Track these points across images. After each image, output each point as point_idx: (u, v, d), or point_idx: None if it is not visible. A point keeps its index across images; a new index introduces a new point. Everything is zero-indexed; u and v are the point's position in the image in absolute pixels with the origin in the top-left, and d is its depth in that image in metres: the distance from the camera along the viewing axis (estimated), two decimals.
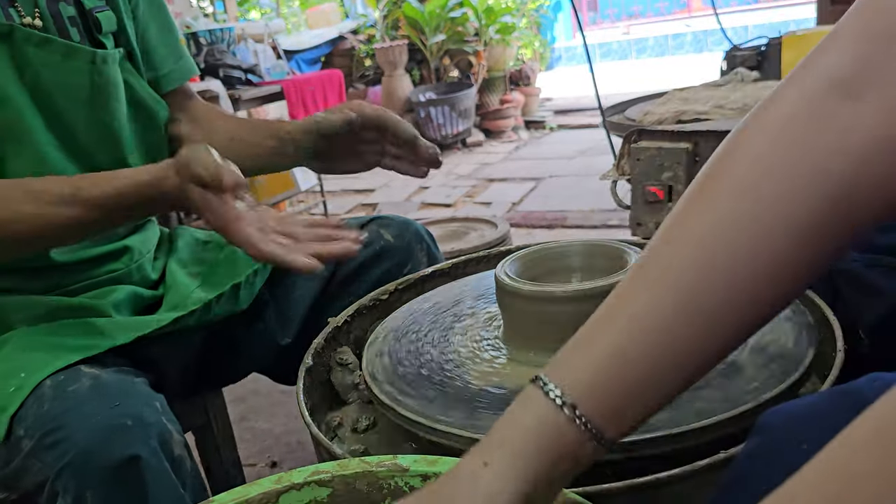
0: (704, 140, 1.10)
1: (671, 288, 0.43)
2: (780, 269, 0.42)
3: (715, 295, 0.42)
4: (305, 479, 0.55)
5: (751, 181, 0.43)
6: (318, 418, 0.79)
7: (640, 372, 0.42)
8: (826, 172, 0.42)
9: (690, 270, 0.43)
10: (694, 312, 0.42)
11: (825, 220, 0.42)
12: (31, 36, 0.85)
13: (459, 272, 1.04)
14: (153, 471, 0.69)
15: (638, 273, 0.45)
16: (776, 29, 2.20)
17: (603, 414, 0.42)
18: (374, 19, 5.59)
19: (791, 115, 0.44)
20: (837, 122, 0.43)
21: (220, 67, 3.30)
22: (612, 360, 0.42)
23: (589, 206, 3.33)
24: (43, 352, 0.78)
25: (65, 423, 0.69)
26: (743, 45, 2.09)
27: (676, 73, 6.77)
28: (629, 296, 0.45)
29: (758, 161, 0.44)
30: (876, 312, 0.76)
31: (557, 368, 0.44)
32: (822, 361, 0.73)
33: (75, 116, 0.90)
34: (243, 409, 1.96)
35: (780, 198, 0.42)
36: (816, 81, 0.44)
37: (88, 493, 0.67)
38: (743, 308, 0.43)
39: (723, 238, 0.43)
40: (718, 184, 0.44)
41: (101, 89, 0.91)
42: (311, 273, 0.77)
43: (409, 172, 0.98)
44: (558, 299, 0.71)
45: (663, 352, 0.42)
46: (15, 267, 0.89)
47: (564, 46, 9.27)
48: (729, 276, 0.42)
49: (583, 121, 5.46)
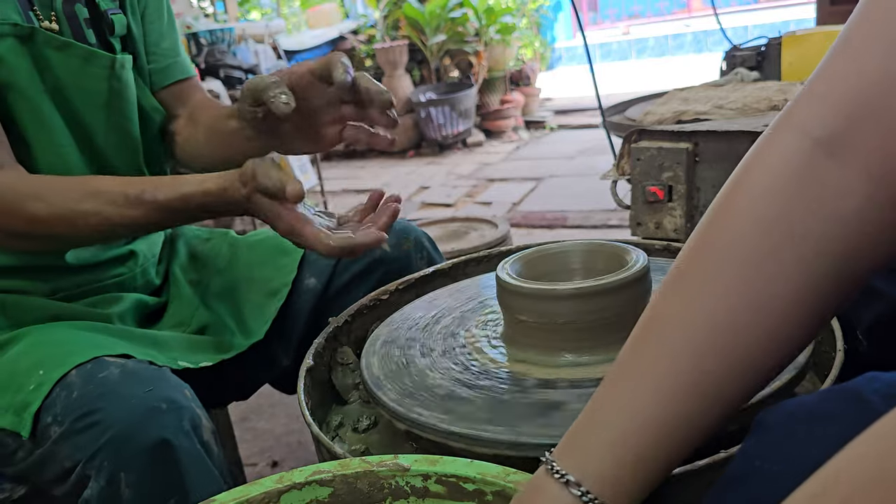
0: (704, 140, 1.10)
1: (672, 373, 0.45)
2: (782, 341, 0.44)
3: (718, 376, 0.44)
4: (307, 479, 0.55)
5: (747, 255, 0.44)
6: (319, 418, 0.79)
7: (648, 458, 0.45)
8: (823, 250, 0.43)
9: (688, 355, 0.44)
10: (697, 395, 0.45)
11: (829, 285, 0.43)
12: (51, 39, 0.86)
13: (459, 272, 1.04)
14: (187, 453, 0.70)
15: (635, 356, 0.47)
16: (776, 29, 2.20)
17: (616, 499, 0.45)
18: (375, 19, 5.59)
19: (778, 178, 0.45)
20: (828, 190, 0.43)
21: (220, 67, 3.31)
22: (620, 451, 0.45)
23: (589, 206, 3.33)
24: (61, 347, 0.79)
25: (100, 407, 0.70)
26: (743, 45, 2.09)
27: (676, 73, 6.77)
28: (629, 382, 0.46)
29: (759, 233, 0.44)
30: (874, 314, 0.76)
31: (572, 456, 0.46)
32: (822, 361, 0.73)
33: (94, 120, 0.91)
34: (244, 409, 1.96)
35: (781, 272, 0.43)
36: (799, 142, 0.45)
37: (123, 473, 0.68)
38: (746, 377, 0.45)
39: (724, 319, 0.44)
40: (708, 259, 0.45)
41: (119, 94, 0.92)
42: (382, 243, 0.81)
43: (368, 141, 0.90)
44: (559, 298, 0.71)
45: (670, 435, 0.45)
46: (21, 265, 0.89)
47: (565, 46, 9.27)
48: (733, 354, 0.44)
49: (583, 121, 5.46)
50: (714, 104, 1.58)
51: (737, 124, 1.12)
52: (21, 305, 0.88)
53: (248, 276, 1.03)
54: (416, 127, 5.15)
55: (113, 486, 0.68)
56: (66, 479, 0.72)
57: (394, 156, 5.30)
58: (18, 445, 0.76)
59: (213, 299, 1.03)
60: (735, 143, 1.07)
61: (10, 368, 0.79)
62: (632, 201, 1.16)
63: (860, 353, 0.76)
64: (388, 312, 0.93)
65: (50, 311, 0.89)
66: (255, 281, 1.02)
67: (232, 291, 1.02)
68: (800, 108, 0.46)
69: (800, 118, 0.46)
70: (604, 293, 0.70)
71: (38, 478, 0.78)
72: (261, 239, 1.07)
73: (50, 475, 0.75)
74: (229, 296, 1.02)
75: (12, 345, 0.82)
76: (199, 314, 1.00)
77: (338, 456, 0.62)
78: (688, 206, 1.11)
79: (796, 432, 0.41)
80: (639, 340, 0.47)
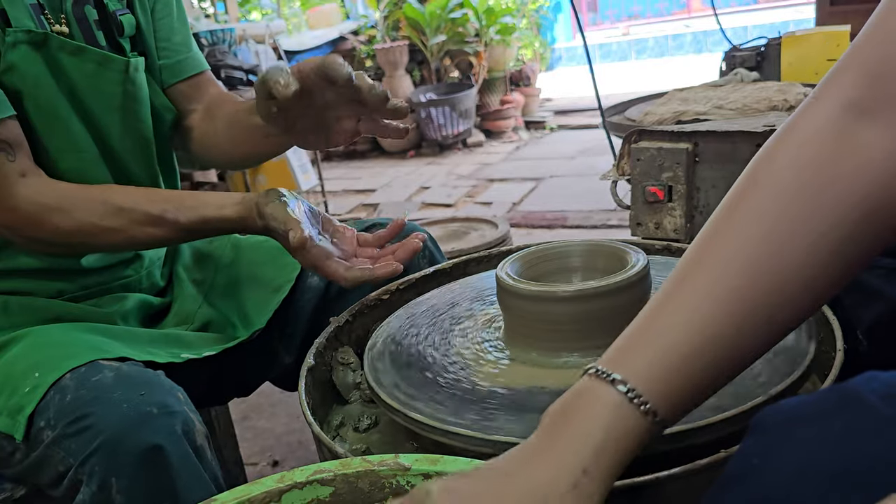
0: (704, 140, 1.10)
1: (718, 298, 0.47)
2: (818, 278, 0.47)
3: (759, 302, 0.47)
4: (308, 478, 0.55)
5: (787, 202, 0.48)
6: (320, 417, 0.79)
7: (696, 368, 0.47)
8: (851, 194, 0.46)
9: (737, 277, 0.47)
10: (742, 318, 0.47)
11: (857, 234, 0.47)
12: (65, 44, 0.86)
13: (460, 272, 1.05)
14: (179, 458, 0.70)
15: (686, 274, 0.49)
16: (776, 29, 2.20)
17: (666, 404, 0.46)
18: (375, 20, 5.59)
19: (810, 141, 0.48)
20: (856, 144, 0.47)
21: (221, 68, 3.31)
22: (672, 357, 0.46)
23: (589, 206, 3.33)
24: (57, 349, 0.79)
25: (92, 411, 0.70)
26: (742, 45, 2.10)
27: (676, 73, 6.77)
28: (680, 296, 0.48)
29: (786, 187, 0.48)
30: (874, 314, 0.76)
31: (620, 362, 0.47)
32: (822, 361, 0.74)
33: (109, 123, 0.91)
34: (244, 408, 1.96)
35: (812, 218, 0.47)
36: (831, 107, 0.49)
37: (114, 478, 0.68)
38: (785, 312, 0.47)
39: (766, 251, 0.47)
40: (755, 199, 0.49)
41: (133, 96, 0.93)
42: (395, 274, 0.86)
43: (381, 133, 0.88)
44: (559, 299, 0.71)
45: (715, 351, 0.47)
46: (34, 268, 0.90)
47: (564, 47, 9.27)
48: (773, 286, 0.47)
49: (583, 121, 5.46)
50: (714, 104, 1.58)
51: (736, 124, 1.12)
52: (25, 306, 0.89)
53: (252, 275, 1.03)
54: (417, 127, 5.15)
55: (104, 492, 0.68)
56: (61, 483, 0.72)
57: (394, 156, 5.30)
58: (14, 448, 0.76)
59: (217, 297, 1.03)
60: (735, 143, 1.07)
61: (6, 370, 0.79)
62: (632, 201, 1.16)
63: (860, 353, 0.76)
64: (389, 312, 0.93)
65: (53, 312, 0.89)
66: (258, 279, 1.02)
67: (235, 289, 1.03)
68: (833, 78, 0.50)
69: (832, 87, 0.50)
70: (604, 294, 0.70)
71: (35, 480, 0.78)
72: (264, 238, 1.08)
73: (45, 478, 0.74)
74: (232, 293, 1.03)
75: (11, 346, 0.82)
76: (202, 311, 1.00)
77: (338, 455, 0.62)
78: (687, 206, 1.11)
79: (794, 432, 0.42)
80: (690, 262, 0.50)
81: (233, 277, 1.04)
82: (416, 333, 0.84)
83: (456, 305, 0.90)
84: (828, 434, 0.40)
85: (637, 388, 0.45)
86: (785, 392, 0.63)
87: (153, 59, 0.99)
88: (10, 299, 0.89)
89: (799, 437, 0.41)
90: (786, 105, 1.50)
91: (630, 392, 0.45)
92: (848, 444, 0.39)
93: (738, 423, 0.59)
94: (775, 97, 1.54)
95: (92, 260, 0.93)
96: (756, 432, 0.44)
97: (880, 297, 0.76)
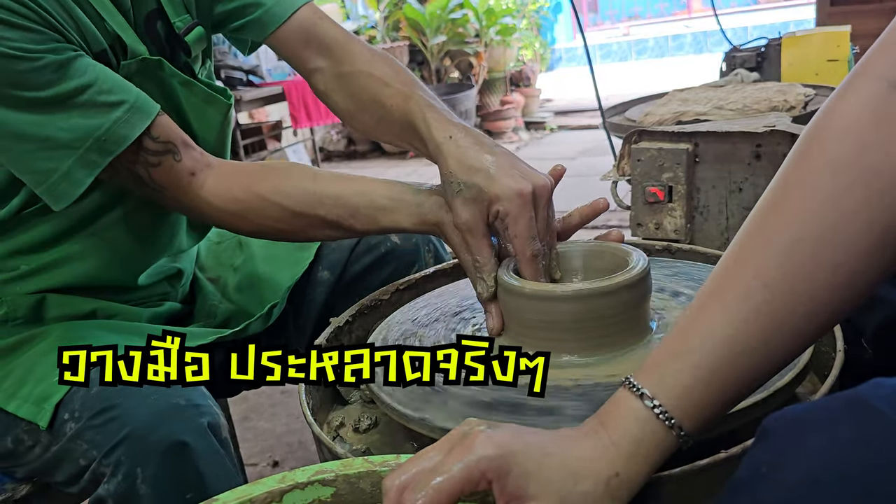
0: (704, 141, 1.10)
1: (752, 311, 0.47)
2: (858, 276, 0.46)
3: (795, 312, 0.47)
4: (309, 479, 0.55)
5: (828, 193, 0.46)
6: (320, 418, 0.79)
7: (724, 385, 0.48)
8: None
9: (769, 290, 0.47)
10: (773, 331, 0.47)
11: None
12: (175, 74, 0.86)
13: (461, 272, 1.04)
14: (206, 450, 0.71)
15: (718, 288, 0.50)
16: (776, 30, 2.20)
17: (692, 419, 0.48)
18: (375, 20, 5.59)
19: (858, 119, 0.47)
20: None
21: (221, 69, 3.32)
22: (700, 372, 0.48)
23: None
24: (87, 344, 0.79)
25: (118, 403, 0.71)
26: (743, 46, 2.10)
27: (676, 73, 6.77)
28: (712, 313, 0.49)
29: (835, 173, 0.46)
30: (878, 320, 0.76)
31: (651, 375, 0.49)
32: (823, 361, 0.74)
33: (209, 145, 0.91)
34: (245, 408, 1.96)
35: (861, 206, 0.45)
36: (876, 84, 0.47)
37: (140, 469, 0.68)
38: (820, 318, 0.48)
39: (808, 251, 0.46)
40: (795, 194, 0.48)
41: (225, 130, 0.93)
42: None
43: None
44: (559, 299, 0.71)
45: (743, 364, 0.48)
46: (86, 285, 0.89)
47: (565, 48, 9.28)
48: (810, 289, 0.46)
49: (583, 122, 5.46)
50: (714, 105, 1.58)
51: (737, 125, 1.12)
52: (64, 304, 0.88)
53: (266, 271, 1.04)
54: None
55: (130, 482, 0.68)
56: (80, 478, 0.72)
57: (395, 156, 5.30)
58: (35, 442, 0.77)
59: (233, 293, 1.05)
60: (735, 143, 1.07)
61: (32, 361, 0.80)
62: (632, 202, 1.16)
63: (866, 362, 0.76)
64: (390, 312, 0.93)
65: (81, 309, 0.89)
66: (272, 275, 1.04)
67: (250, 286, 1.04)
68: (875, 57, 0.49)
69: (875, 65, 0.49)
70: (604, 295, 0.70)
71: (51, 476, 0.78)
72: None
73: (63, 474, 0.75)
74: (248, 289, 1.04)
75: (38, 340, 0.83)
76: (223, 307, 1.02)
77: (339, 456, 0.62)
78: (688, 206, 1.11)
79: (802, 439, 0.41)
80: (722, 269, 0.51)
81: (247, 275, 1.06)
82: (416, 334, 0.84)
83: (456, 306, 0.90)
84: (837, 441, 0.40)
85: (664, 404, 0.48)
86: (780, 392, 0.63)
87: (210, 64, 0.99)
88: (48, 297, 0.88)
89: (808, 444, 0.40)
90: (786, 105, 1.50)
91: (657, 408, 0.48)
92: (858, 451, 0.39)
93: (735, 421, 0.59)
94: (775, 98, 1.54)
95: (143, 278, 0.94)
96: (763, 439, 0.44)
97: (882, 304, 0.75)
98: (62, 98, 0.73)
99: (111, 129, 0.75)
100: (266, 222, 0.82)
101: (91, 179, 0.75)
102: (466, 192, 0.70)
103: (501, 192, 0.69)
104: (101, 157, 0.75)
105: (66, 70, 0.73)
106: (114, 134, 0.75)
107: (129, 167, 0.79)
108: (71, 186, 0.75)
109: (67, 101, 0.73)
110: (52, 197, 0.76)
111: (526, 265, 0.71)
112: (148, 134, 0.77)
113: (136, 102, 0.77)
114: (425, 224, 0.77)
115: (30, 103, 0.72)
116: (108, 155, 0.75)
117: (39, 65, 0.71)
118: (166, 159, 0.79)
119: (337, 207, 0.80)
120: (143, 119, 0.77)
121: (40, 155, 0.74)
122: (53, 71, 0.72)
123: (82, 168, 0.74)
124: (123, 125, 0.75)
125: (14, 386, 0.78)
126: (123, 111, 0.75)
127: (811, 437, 0.41)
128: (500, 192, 0.69)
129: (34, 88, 0.72)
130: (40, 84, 0.72)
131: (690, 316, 0.51)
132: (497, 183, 0.69)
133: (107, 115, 0.74)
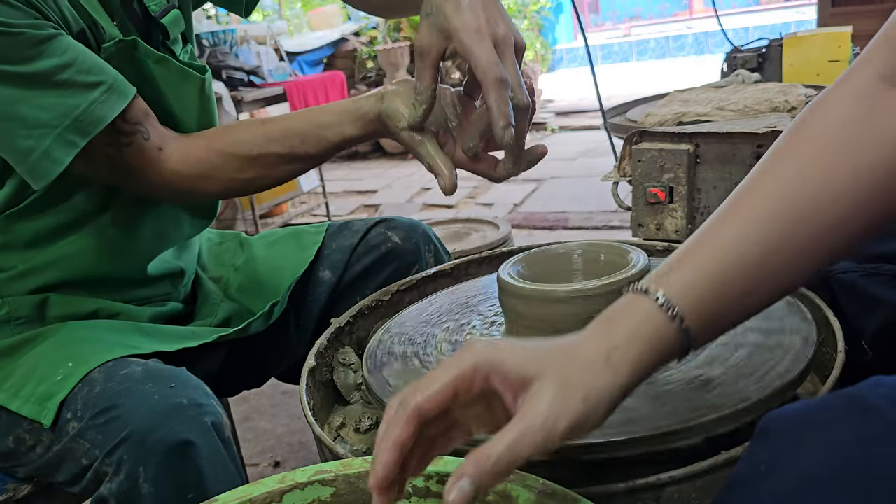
0: (705, 141, 1.10)
1: (764, 221, 0.50)
2: (852, 218, 0.50)
3: (801, 231, 0.50)
4: (309, 479, 0.55)
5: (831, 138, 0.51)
6: (321, 418, 0.80)
7: (734, 292, 0.50)
8: (881, 147, 0.49)
9: (781, 209, 0.50)
10: (784, 245, 0.50)
11: (884, 189, 0.49)
12: (149, 52, 0.86)
13: (461, 273, 1.05)
14: (209, 450, 0.71)
15: (731, 207, 0.52)
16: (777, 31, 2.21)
17: (694, 314, 0.49)
18: (376, 21, 5.59)
19: (847, 106, 0.51)
20: (887, 107, 0.50)
21: (222, 69, 3.31)
22: (706, 276, 0.49)
23: (590, 207, 3.33)
24: (90, 344, 0.80)
25: (121, 403, 0.70)
26: (744, 46, 2.10)
27: (677, 74, 6.78)
28: (727, 224, 0.52)
29: (825, 141, 0.51)
30: (878, 322, 0.76)
31: (657, 280, 0.50)
32: (823, 362, 0.74)
33: (189, 130, 0.91)
34: (246, 409, 1.96)
35: (846, 167, 0.50)
36: (866, 78, 0.52)
37: (142, 468, 0.68)
38: (824, 246, 0.50)
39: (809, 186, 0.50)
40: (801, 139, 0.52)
41: (205, 106, 0.93)
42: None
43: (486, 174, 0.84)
44: (560, 299, 0.71)
45: (755, 276, 0.50)
46: (91, 279, 0.90)
47: (566, 48, 9.28)
48: (814, 218, 0.50)
49: (584, 122, 5.46)
50: (715, 105, 1.58)
51: (738, 126, 1.12)
52: (67, 304, 0.89)
53: (267, 271, 1.05)
54: None
55: (132, 481, 0.68)
56: (82, 478, 0.72)
57: (395, 157, 5.30)
58: (37, 441, 0.77)
59: (235, 292, 1.05)
60: (736, 144, 1.07)
61: (35, 360, 0.80)
62: (633, 202, 1.16)
63: (866, 364, 0.75)
64: (390, 313, 0.93)
65: (84, 308, 0.89)
66: (273, 274, 1.04)
67: (251, 286, 1.05)
68: (872, 51, 0.53)
69: (871, 58, 0.52)
70: (604, 294, 0.70)
71: (53, 476, 0.78)
72: (277, 238, 1.10)
73: (64, 474, 0.75)
74: (249, 289, 1.04)
75: (41, 340, 0.83)
76: (224, 306, 1.03)
77: (340, 456, 0.62)
78: (689, 207, 1.11)
79: (801, 437, 0.41)
80: (731, 200, 0.53)
81: (248, 275, 1.06)
82: (416, 334, 0.84)
83: (457, 306, 0.90)
84: (835, 439, 0.40)
85: (669, 298, 0.49)
86: (778, 392, 0.63)
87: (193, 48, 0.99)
88: (51, 297, 0.88)
89: (807, 442, 0.41)
90: (787, 106, 1.50)
91: (660, 299, 0.49)
92: (857, 450, 0.39)
93: (731, 422, 0.59)
94: (776, 98, 1.54)
95: (150, 267, 0.95)
96: (762, 437, 0.44)
97: (882, 305, 0.75)
98: (42, 75, 0.74)
99: (88, 108, 0.76)
100: (229, 175, 0.86)
101: (70, 159, 0.76)
102: (433, 18, 0.72)
103: (461, 25, 0.70)
104: (80, 138, 0.76)
105: (46, 47, 0.74)
106: (90, 114, 0.76)
107: (103, 149, 0.80)
108: (51, 165, 0.75)
109: (47, 79, 0.74)
110: (33, 175, 0.76)
111: (491, 88, 0.68)
112: (122, 116, 0.79)
113: (113, 84, 0.78)
114: (370, 124, 0.82)
115: (9, 77, 0.73)
116: (85, 136, 0.76)
117: (18, 39, 0.72)
118: (136, 139, 0.82)
119: (287, 139, 0.84)
120: (120, 100, 0.78)
121: (21, 133, 0.75)
122: (33, 46, 0.73)
123: (62, 147, 0.75)
124: (101, 106, 0.77)
125: (17, 385, 0.78)
126: (101, 92, 0.77)
127: (810, 435, 0.41)
128: (460, 26, 0.70)
129: (13, 62, 0.73)
130: (19, 59, 0.73)
131: (697, 233, 0.52)
132: (461, 17, 0.70)
133: (84, 96, 0.76)
